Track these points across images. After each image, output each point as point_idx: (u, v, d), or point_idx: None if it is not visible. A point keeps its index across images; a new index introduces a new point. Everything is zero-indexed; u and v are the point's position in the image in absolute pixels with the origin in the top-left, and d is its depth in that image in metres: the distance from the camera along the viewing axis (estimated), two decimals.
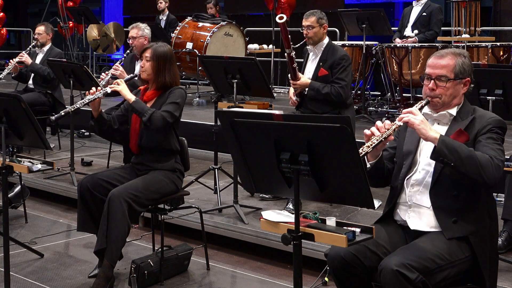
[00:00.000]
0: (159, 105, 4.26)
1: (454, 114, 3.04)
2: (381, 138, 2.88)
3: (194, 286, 4.25)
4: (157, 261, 4.19)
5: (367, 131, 2.93)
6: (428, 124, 2.88)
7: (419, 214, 3.01)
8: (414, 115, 2.88)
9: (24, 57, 7.09)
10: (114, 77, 5.74)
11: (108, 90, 4.29)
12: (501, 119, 3.01)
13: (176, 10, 12.00)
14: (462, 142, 2.90)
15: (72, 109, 4.25)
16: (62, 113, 4.25)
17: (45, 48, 7.33)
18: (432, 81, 3.02)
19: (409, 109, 2.93)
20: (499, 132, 2.95)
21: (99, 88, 4.27)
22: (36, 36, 7.36)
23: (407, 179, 3.06)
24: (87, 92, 4.26)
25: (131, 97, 4.22)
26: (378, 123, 2.94)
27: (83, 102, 4.22)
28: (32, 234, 5.20)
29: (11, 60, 7.14)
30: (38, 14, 16.71)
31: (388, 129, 2.90)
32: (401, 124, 2.92)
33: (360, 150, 2.82)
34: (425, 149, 3.05)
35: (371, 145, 2.87)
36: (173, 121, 4.20)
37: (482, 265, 2.92)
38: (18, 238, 4.90)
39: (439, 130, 3.01)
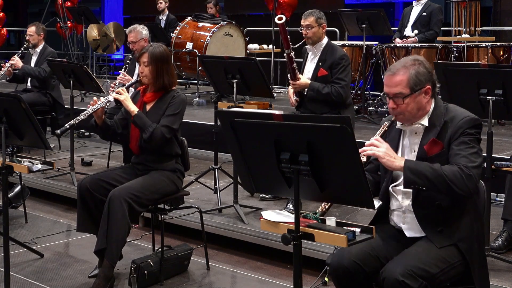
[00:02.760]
0: (159, 108, 4.27)
1: (426, 124, 2.97)
2: None
3: (194, 286, 4.26)
4: (157, 261, 4.19)
5: None
6: (391, 154, 2.85)
7: (414, 220, 2.99)
8: (377, 147, 2.87)
9: (15, 60, 7.10)
10: (122, 85, 5.77)
11: (111, 98, 4.29)
12: (473, 117, 2.92)
13: (176, 10, 12.00)
14: (437, 151, 2.88)
15: (76, 121, 4.23)
16: (67, 126, 4.23)
17: (38, 49, 7.32)
18: (391, 100, 2.95)
19: (371, 140, 2.91)
20: (472, 132, 2.88)
21: (101, 98, 4.27)
22: (27, 38, 7.34)
23: (394, 187, 3.05)
24: (90, 103, 4.25)
25: (133, 109, 4.22)
26: None
27: (87, 113, 4.20)
28: (32, 234, 5.20)
29: (3, 64, 7.15)
30: (38, 14, 16.70)
31: None
32: (365, 159, 2.91)
33: None
34: (408, 157, 3.01)
35: None
36: (171, 135, 4.22)
37: (472, 269, 2.90)
38: (18, 238, 4.90)
39: (416, 141, 2.98)
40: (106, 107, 4.28)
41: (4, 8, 13.25)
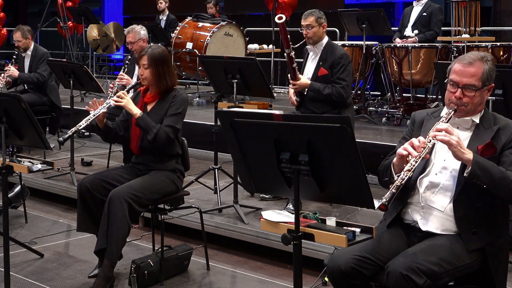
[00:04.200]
0: (160, 108, 4.28)
1: (477, 121, 3.00)
2: (419, 160, 2.80)
3: (194, 286, 4.26)
4: (157, 261, 4.19)
5: (402, 151, 2.84)
6: (462, 145, 2.82)
7: (431, 216, 2.98)
8: (451, 134, 2.81)
9: (11, 70, 7.08)
10: (122, 86, 5.77)
11: (112, 103, 4.27)
12: None
13: (176, 10, 12.00)
14: (490, 154, 2.88)
15: (78, 128, 4.22)
16: (70, 133, 4.25)
17: (29, 51, 7.28)
18: (459, 89, 2.94)
19: (444, 126, 2.84)
20: None
21: (101, 99, 4.26)
22: (16, 44, 7.29)
23: (420, 179, 3.02)
24: (89, 105, 4.24)
25: (136, 111, 4.22)
26: (414, 140, 2.85)
27: (88, 119, 4.20)
28: (32, 234, 5.20)
29: (0, 76, 7.14)
30: (38, 14, 16.69)
31: (424, 148, 2.82)
32: (436, 142, 2.85)
33: (402, 176, 2.75)
34: (440, 151, 3.01)
35: (411, 168, 2.77)
36: (176, 135, 4.22)
37: (494, 273, 2.91)
38: (18, 238, 4.90)
39: (460, 135, 2.93)
40: (105, 112, 4.27)
41: (4, 8, 13.25)
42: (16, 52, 7.32)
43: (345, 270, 2.84)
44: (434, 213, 2.97)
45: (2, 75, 7.15)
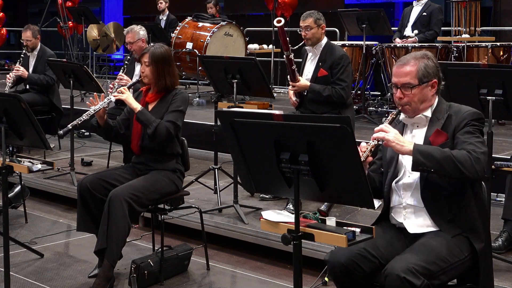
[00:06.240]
0: (161, 108, 4.28)
1: (430, 115, 3.05)
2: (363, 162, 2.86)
3: (194, 286, 4.26)
4: (157, 261, 4.19)
5: None
6: (400, 138, 2.89)
7: (415, 215, 3.02)
8: (386, 132, 2.90)
9: (21, 70, 7.05)
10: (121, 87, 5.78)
11: (112, 98, 4.29)
12: (476, 111, 3.02)
13: (176, 10, 12.00)
14: (442, 141, 2.94)
15: (79, 122, 4.26)
16: (70, 127, 4.27)
17: (36, 51, 7.25)
18: (399, 89, 3.03)
19: (380, 126, 2.95)
20: (476, 124, 2.97)
21: (102, 94, 4.28)
22: (25, 43, 7.27)
23: (396, 183, 3.08)
24: (89, 102, 4.26)
25: (136, 106, 4.23)
26: None
27: (89, 114, 4.22)
28: (32, 234, 5.20)
29: (8, 75, 7.11)
30: (38, 14, 16.70)
31: (364, 152, 2.92)
32: (376, 143, 2.93)
33: None
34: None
35: None
36: (176, 131, 4.22)
37: (480, 260, 2.93)
38: (18, 238, 4.90)
39: (419, 134, 3.04)
40: (106, 107, 4.28)
41: (4, 8, 13.25)
42: (24, 51, 7.30)
43: (346, 264, 2.87)
44: (416, 211, 3.02)
45: (10, 74, 7.13)
